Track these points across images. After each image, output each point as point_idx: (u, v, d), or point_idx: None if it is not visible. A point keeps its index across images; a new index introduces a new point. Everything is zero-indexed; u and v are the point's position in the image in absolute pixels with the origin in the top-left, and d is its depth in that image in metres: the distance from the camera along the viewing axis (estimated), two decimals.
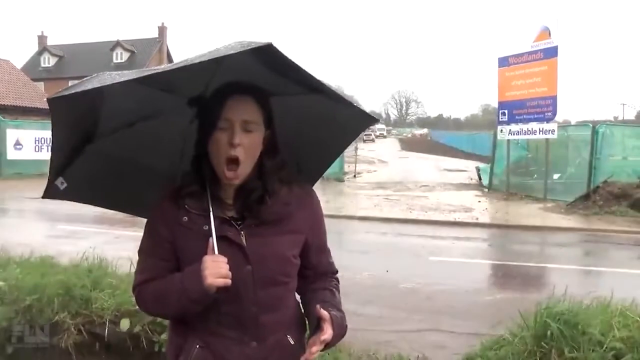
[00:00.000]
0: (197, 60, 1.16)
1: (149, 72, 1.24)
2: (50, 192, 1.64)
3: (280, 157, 1.54)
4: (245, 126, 1.43)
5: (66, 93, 1.30)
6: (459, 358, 3.75)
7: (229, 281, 1.37)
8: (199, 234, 1.45)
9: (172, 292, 1.44)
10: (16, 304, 3.72)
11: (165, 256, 1.49)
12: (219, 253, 1.40)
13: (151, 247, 1.53)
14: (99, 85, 1.24)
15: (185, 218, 1.47)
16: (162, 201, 1.52)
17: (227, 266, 1.38)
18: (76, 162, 1.61)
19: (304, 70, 1.25)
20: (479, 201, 15.45)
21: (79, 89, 1.27)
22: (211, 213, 1.45)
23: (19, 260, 4.72)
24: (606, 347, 3.00)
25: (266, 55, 1.18)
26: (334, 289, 1.66)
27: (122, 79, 1.23)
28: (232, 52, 1.13)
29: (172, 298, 1.44)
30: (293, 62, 1.20)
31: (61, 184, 1.62)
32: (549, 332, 3.17)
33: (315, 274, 1.65)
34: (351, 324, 1.61)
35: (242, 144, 1.42)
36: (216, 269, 1.36)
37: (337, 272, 1.72)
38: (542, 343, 3.19)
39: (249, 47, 1.12)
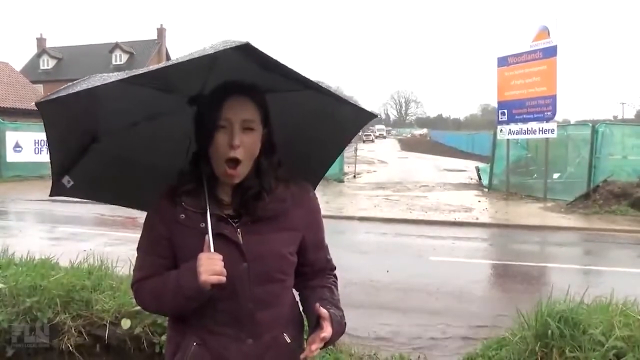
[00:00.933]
0: (183, 60, 1.18)
1: (137, 72, 1.26)
2: (57, 190, 1.66)
3: (277, 156, 1.55)
4: (245, 125, 1.44)
5: (54, 96, 1.32)
6: (460, 358, 3.75)
7: (223, 278, 1.38)
8: (196, 231, 1.46)
9: (168, 290, 1.45)
10: (16, 306, 3.70)
11: (163, 253, 1.51)
12: (215, 250, 1.41)
13: (149, 245, 1.55)
14: (87, 87, 1.26)
15: (183, 215, 1.49)
16: (159, 199, 1.53)
17: (222, 263, 1.39)
18: (82, 161, 1.64)
19: (288, 67, 1.26)
20: (479, 201, 15.45)
21: (67, 92, 1.29)
22: (208, 211, 1.47)
23: (19, 261, 4.71)
24: (607, 347, 2.99)
25: (251, 54, 1.20)
26: (332, 286, 1.66)
27: (110, 80, 1.25)
28: (211, 51, 1.16)
29: (168, 295, 1.46)
30: (274, 60, 1.22)
31: (67, 182, 1.65)
32: (549, 332, 3.16)
33: (313, 270, 1.66)
34: (351, 324, 1.62)
35: (242, 144, 1.43)
36: (211, 266, 1.37)
37: (335, 268, 1.73)
38: (543, 342, 3.19)
39: (229, 46, 1.14)
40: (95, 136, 1.62)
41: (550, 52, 15.02)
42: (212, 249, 1.41)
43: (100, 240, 8.69)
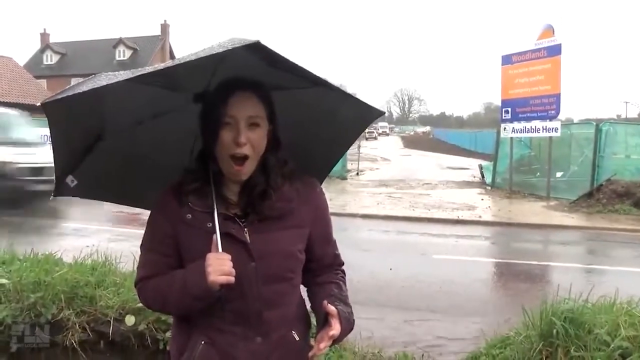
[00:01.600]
0: (192, 59, 1.18)
1: (144, 71, 1.25)
2: (61, 190, 1.66)
3: (283, 153, 1.54)
4: (251, 121, 1.43)
5: (61, 96, 1.31)
6: (464, 356, 3.74)
7: (232, 279, 1.37)
8: (202, 231, 1.45)
9: (175, 289, 1.44)
10: (20, 302, 3.71)
11: (167, 252, 1.50)
12: (222, 250, 1.40)
13: (153, 243, 1.53)
14: (93, 87, 1.25)
15: (189, 215, 1.47)
16: (164, 197, 1.52)
17: (231, 263, 1.38)
18: (86, 160, 1.63)
19: (298, 65, 1.26)
20: (482, 199, 15.44)
21: (73, 92, 1.28)
22: (215, 210, 1.45)
23: (23, 257, 4.71)
24: (613, 347, 2.98)
25: (259, 52, 1.19)
26: (340, 282, 1.65)
27: (116, 80, 1.24)
28: (220, 50, 1.15)
29: (175, 295, 1.44)
30: (284, 58, 1.21)
31: (71, 181, 1.64)
32: (554, 331, 3.15)
33: (321, 266, 1.65)
34: (355, 322, 1.60)
35: (248, 141, 1.42)
36: (219, 266, 1.36)
37: (343, 264, 1.72)
38: (548, 342, 3.18)
39: (239, 45, 1.14)
40: (101, 135, 1.61)
41: (555, 51, 14.97)
42: (220, 249, 1.40)
43: (104, 236, 8.69)
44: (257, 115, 1.44)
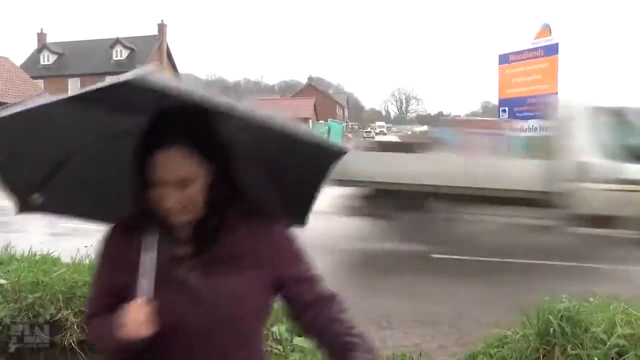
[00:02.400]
0: (101, 86, 1.11)
1: (70, 95, 1.17)
2: (25, 207, 1.58)
3: (235, 188, 1.38)
4: (180, 183, 1.27)
5: None
6: (462, 356, 3.76)
7: (144, 331, 1.25)
8: (144, 271, 1.31)
9: (108, 334, 1.31)
10: (19, 302, 3.72)
11: (110, 292, 1.38)
12: (164, 294, 1.29)
13: (98, 279, 1.45)
14: (28, 107, 1.18)
15: (133, 253, 1.33)
16: (111, 233, 1.43)
17: (150, 313, 1.26)
18: (55, 178, 1.55)
19: (192, 93, 1.11)
20: None
21: (7, 113, 1.21)
22: (155, 251, 1.32)
23: (21, 257, 4.72)
24: (609, 345, 3.00)
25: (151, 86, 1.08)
26: (339, 317, 1.41)
27: (55, 100, 1.17)
28: (115, 81, 1.07)
29: (108, 340, 1.32)
30: (173, 87, 1.10)
31: (37, 198, 1.57)
32: (551, 330, 3.17)
33: (307, 304, 1.43)
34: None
35: (179, 200, 1.28)
36: (135, 317, 1.25)
37: (334, 294, 1.46)
38: (545, 340, 3.20)
39: (120, 81, 1.06)
40: (66, 154, 1.52)
41: (552, 50, 14.97)
42: (145, 295, 1.29)
43: (102, 237, 8.67)
44: (188, 175, 1.27)
